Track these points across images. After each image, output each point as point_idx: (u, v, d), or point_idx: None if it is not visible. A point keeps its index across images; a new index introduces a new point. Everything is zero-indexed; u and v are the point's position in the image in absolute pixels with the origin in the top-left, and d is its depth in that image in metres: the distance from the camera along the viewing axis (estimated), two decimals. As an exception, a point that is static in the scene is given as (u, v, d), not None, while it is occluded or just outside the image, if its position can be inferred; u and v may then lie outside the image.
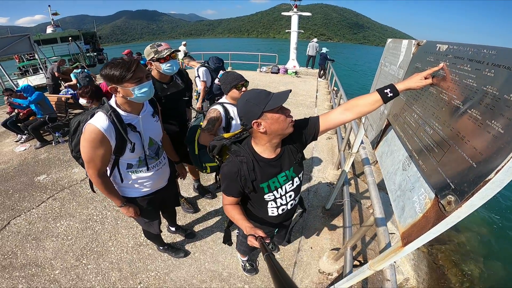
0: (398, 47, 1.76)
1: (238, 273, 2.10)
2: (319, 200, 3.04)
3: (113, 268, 2.11)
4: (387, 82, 1.92)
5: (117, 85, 1.17)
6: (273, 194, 1.22)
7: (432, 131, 0.96)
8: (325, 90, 8.92)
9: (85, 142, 1.18)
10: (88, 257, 2.22)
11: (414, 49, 1.48)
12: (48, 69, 6.87)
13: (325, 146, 4.41)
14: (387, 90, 1.06)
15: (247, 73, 10.95)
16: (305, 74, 11.32)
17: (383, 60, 2.13)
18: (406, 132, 1.23)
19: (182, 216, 2.71)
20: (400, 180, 1.15)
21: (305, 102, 7.01)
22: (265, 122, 1.03)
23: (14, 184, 3.35)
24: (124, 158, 1.36)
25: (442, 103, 0.95)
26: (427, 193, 0.88)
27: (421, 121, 1.10)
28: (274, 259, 0.73)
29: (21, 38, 6.57)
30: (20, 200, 3.02)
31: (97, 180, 1.29)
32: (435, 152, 0.89)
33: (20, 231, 2.54)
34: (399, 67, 1.68)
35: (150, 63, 1.82)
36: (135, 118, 1.32)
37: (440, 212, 0.76)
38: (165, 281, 2.01)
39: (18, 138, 4.60)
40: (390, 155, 1.38)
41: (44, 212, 2.80)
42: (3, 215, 2.77)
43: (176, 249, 2.24)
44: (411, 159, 1.09)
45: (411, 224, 0.91)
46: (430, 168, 0.90)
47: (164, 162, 1.61)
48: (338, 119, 1.16)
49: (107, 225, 2.58)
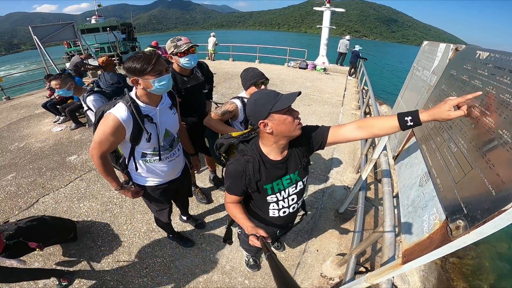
0: (434, 50, 1.61)
1: (240, 267, 2.12)
2: (333, 202, 2.94)
3: (124, 252, 2.23)
4: (417, 88, 1.77)
5: (138, 77, 1.22)
6: (276, 196, 1.22)
7: (456, 149, 0.86)
8: (354, 89, 8.50)
9: (102, 125, 1.26)
10: (103, 239, 2.36)
11: (451, 54, 1.34)
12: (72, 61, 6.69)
13: (347, 148, 4.21)
14: (408, 118, 0.93)
15: (274, 67, 10.83)
16: (334, 71, 10.88)
17: (416, 64, 1.97)
18: (429, 145, 1.12)
19: (195, 206, 2.79)
20: (415, 196, 1.06)
21: (331, 101, 6.74)
22: (272, 123, 1.01)
23: (48, 162, 3.67)
24: (139, 147, 1.42)
25: (472, 119, 0.84)
26: (439, 214, 0.81)
27: (446, 136, 0.99)
28: (276, 259, 0.72)
29: (66, 26, 7.14)
30: (50, 178, 3.30)
31: (98, 161, 1.35)
32: (455, 172, 0.80)
33: (46, 209, 2.76)
34: (433, 73, 1.54)
35: (170, 56, 1.86)
36: (153, 110, 1.38)
37: (446, 235, 0.71)
38: (170, 268, 2.09)
39: (56, 119, 5.05)
40: (409, 167, 1.28)
41: (71, 192, 3.03)
42: (33, 192, 3.04)
43: (185, 238, 2.32)
44: (429, 176, 1.00)
45: (415, 243, 0.86)
46: (446, 188, 0.82)
47: (177, 154, 1.65)
48: (349, 135, 1.10)
49: (125, 208, 2.73)
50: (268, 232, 1.01)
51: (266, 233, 0.99)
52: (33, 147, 4.11)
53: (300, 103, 6.20)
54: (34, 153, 3.93)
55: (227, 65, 11.30)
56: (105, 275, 2.04)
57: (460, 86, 1.09)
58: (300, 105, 6.05)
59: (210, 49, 12.10)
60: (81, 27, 16.29)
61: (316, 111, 5.80)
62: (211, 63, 11.78)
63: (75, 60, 6.33)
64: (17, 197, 2.96)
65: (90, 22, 20.29)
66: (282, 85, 7.93)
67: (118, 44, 16.28)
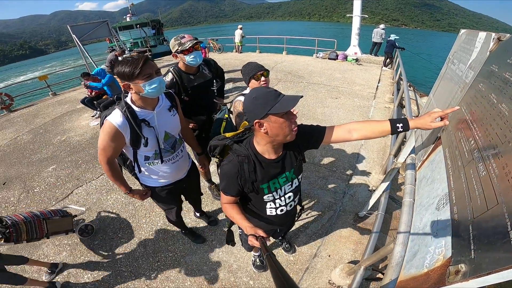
0: (472, 40, 1.35)
1: (247, 267, 2.11)
2: (354, 205, 2.72)
3: (140, 244, 2.35)
4: (450, 85, 1.52)
5: (129, 82, 1.21)
6: (273, 195, 1.21)
7: (485, 172, 0.69)
8: (389, 81, 7.79)
9: (102, 133, 1.29)
10: (123, 231, 2.51)
11: (493, 45, 1.11)
12: (108, 58, 7.11)
13: (376, 145, 3.83)
14: (400, 124, 1.03)
15: (301, 59, 10.42)
16: (368, 62, 10.09)
17: (451, 56, 1.69)
18: (454, 161, 0.94)
19: (210, 202, 2.81)
20: (428, 219, 0.91)
21: (362, 93, 6.21)
22: (268, 124, 0.98)
23: (84, 155, 4.00)
24: (141, 151, 1.44)
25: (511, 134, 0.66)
26: (445, 249, 0.68)
27: (476, 153, 0.80)
28: (275, 259, 0.71)
29: (101, 24, 7.64)
30: (85, 171, 3.59)
31: (105, 167, 1.40)
32: (476, 204, 0.64)
33: (78, 200, 3.00)
34: (469, 68, 1.30)
35: (176, 55, 1.84)
36: (149, 113, 1.36)
37: (443, 277, 0.59)
38: (179, 263, 2.16)
39: (93, 113, 5.49)
40: (430, 183, 1.09)
41: (101, 185, 3.27)
42: (69, 184, 3.33)
43: (197, 234, 2.37)
44: (448, 199, 0.83)
45: (411, 276, 0.75)
46: (462, 220, 0.67)
47: (181, 155, 1.64)
48: (342, 136, 1.14)
49: (146, 202, 2.85)
50: (267, 231, 1.02)
51: (265, 232, 0.98)
52: (73, 141, 4.51)
53: (327, 95, 5.85)
54: (73, 146, 4.32)
55: (254, 57, 11.17)
56: (121, 267, 2.18)
57: (501, 86, 0.88)
58: (327, 98, 5.70)
59: (237, 42, 12.05)
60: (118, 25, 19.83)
61: (345, 104, 5.39)
62: (238, 55, 11.74)
63: (109, 58, 6.73)
64: (55, 188, 3.29)
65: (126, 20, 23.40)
66: (309, 77, 7.58)
67: (148, 39, 18.64)
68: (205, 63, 2.07)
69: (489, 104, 0.90)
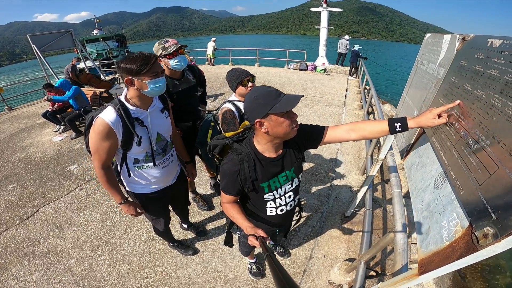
0: (438, 42, 1.53)
1: (244, 276, 2.03)
2: (339, 206, 2.84)
3: (124, 261, 2.16)
4: (423, 83, 1.69)
5: (134, 77, 1.19)
6: (273, 194, 1.21)
7: (476, 145, 0.77)
8: (356, 89, 8.40)
9: (93, 133, 1.22)
10: (103, 248, 2.30)
11: (458, 44, 1.26)
12: (65, 69, 6.74)
13: (352, 148, 4.09)
14: (398, 124, 1.03)
15: (274, 70, 10.79)
16: (335, 71, 10.82)
17: (419, 58, 1.88)
18: (443, 143, 1.04)
19: (196, 213, 2.71)
20: (430, 199, 0.97)
21: (333, 101, 6.64)
22: (269, 123, 0.98)
23: (48, 172, 3.63)
24: (131, 153, 1.37)
25: (492, 111, 0.76)
26: (460, 220, 0.72)
27: (463, 132, 0.90)
28: (275, 259, 0.71)
29: (64, 34, 7.14)
30: (51, 188, 3.26)
31: (100, 172, 1.31)
32: (477, 173, 0.71)
33: (46, 219, 2.72)
34: (440, 65, 1.46)
35: (159, 59, 1.80)
36: (143, 112, 1.33)
37: (471, 243, 0.63)
38: (171, 278, 2.01)
39: (56, 128, 5.01)
40: (421, 168, 1.19)
41: (71, 201, 2.98)
42: (34, 202, 3.00)
43: (186, 246, 2.24)
44: (445, 177, 0.91)
45: (433, 252, 0.77)
46: (468, 190, 0.73)
47: (171, 159, 1.59)
48: (341, 136, 1.16)
49: (125, 217, 2.66)
50: (267, 232, 1.00)
51: (265, 232, 0.98)
52: (34, 157, 4.08)
53: (301, 105, 6.12)
54: (35, 163, 3.90)
55: (226, 69, 11.12)
56: (105, 285, 1.97)
57: (473, 77, 1.01)
58: (302, 107, 5.97)
59: (209, 54, 12.12)
60: (86, 38, 23.80)
61: (318, 112, 5.71)
62: (211, 68, 11.77)
63: (66, 68, 6.39)
64: (18, 207, 2.93)
65: (92, 34, 27.12)
66: (282, 87, 7.86)
67: (111, 51, 22.62)
68: (189, 68, 2.05)
69: (465, 92, 1.02)
